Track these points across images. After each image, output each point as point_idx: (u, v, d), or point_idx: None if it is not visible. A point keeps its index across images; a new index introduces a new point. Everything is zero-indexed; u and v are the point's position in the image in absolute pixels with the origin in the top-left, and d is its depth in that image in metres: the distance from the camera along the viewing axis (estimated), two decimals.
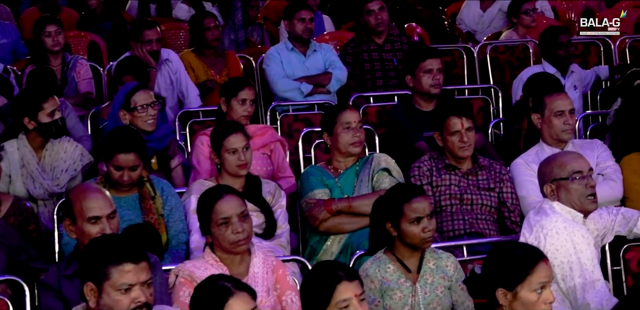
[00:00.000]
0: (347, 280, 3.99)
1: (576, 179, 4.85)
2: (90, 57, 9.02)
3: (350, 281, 3.99)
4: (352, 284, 3.99)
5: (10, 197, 5.76)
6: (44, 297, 4.53)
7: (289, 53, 8.17)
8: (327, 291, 3.97)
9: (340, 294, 3.96)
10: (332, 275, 4.00)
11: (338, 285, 3.97)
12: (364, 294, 4.03)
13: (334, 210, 5.76)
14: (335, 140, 5.97)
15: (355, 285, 4.00)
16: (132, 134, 5.65)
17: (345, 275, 4.00)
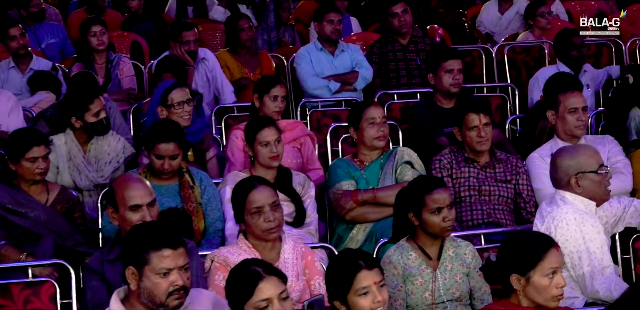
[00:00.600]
0: (366, 269, 3.97)
1: (603, 172, 4.83)
2: (133, 56, 9.03)
3: (369, 270, 3.97)
4: (371, 273, 3.97)
5: (58, 186, 5.78)
6: (88, 280, 4.54)
7: (319, 53, 8.17)
8: (348, 279, 3.96)
9: (360, 281, 3.95)
10: (352, 264, 3.98)
11: (358, 274, 3.95)
12: (383, 281, 4.01)
13: (359, 201, 5.75)
14: (361, 135, 5.96)
15: (374, 274, 3.98)
16: (172, 126, 5.66)
17: (365, 264, 3.98)
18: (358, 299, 3.95)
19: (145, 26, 10.03)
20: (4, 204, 5.48)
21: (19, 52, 8.08)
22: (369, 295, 3.95)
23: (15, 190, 5.56)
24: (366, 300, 3.94)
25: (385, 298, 3.97)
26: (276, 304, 3.71)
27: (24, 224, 5.48)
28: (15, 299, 4.60)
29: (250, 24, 8.55)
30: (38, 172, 5.55)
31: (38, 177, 5.57)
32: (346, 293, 3.96)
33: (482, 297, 4.73)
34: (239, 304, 3.74)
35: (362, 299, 3.95)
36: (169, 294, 3.79)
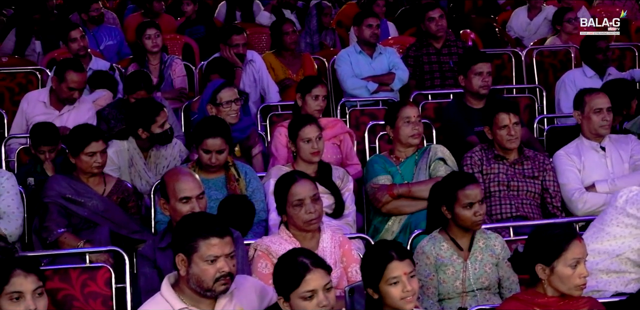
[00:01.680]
0: (397, 259, 3.93)
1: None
2: (185, 57, 9.05)
3: (400, 260, 3.94)
4: (402, 263, 3.94)
5: (114, 178, 5.78)
6: (141, 266, 4.55)
7: (358, 55, 8.14)
8: (379, 268, 3.93)
9: (390, 271, 3.92)
10: (385, 254, 3.95)
11: (389, 264, 3.93)
12: (414, 271, 3.97)
13: (395, 194, 5.72)
14: (397, 132, 5.93)
15: (405, 264, 3.94)
16: (218, 122, 5.66)
17: (396, 255, 3.94)
18: (389, 288, 3.92)
19: (197, 29, 10.06)
20: (64, 193, 5.50)
21: (79, 53, 8.11)
22: (399, 284, 3.92)
23: (75, 180, 5.58)
24: (396, 289, 3.92)
25: (415, 287, 3.94)
26: (320, 295, 3.69)
27: (82, 213, 5.50)
28: (74, 283, 4.62)
29: (293, 27, 8.53)
30: (95, 166, 5.57)
31: (95, 170, 5.59)
32: (378, 281, 3.94)
33: (510, 286, 4.69)
34: (285, 291, 3.73)
35: (393, 287, 3.92)
36: (216, 280, 3.80)
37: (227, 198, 5.40)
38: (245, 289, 3.99)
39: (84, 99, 7.12)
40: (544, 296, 4.04)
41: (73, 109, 6.94)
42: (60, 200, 5.47)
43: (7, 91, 8.33)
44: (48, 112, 6.92)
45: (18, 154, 6.58)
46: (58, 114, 6.91)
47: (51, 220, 5.40)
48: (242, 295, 3.96)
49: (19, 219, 5.41)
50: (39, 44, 9.39)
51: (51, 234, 5.34)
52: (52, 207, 5.45)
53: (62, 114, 6.92)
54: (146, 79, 7.06)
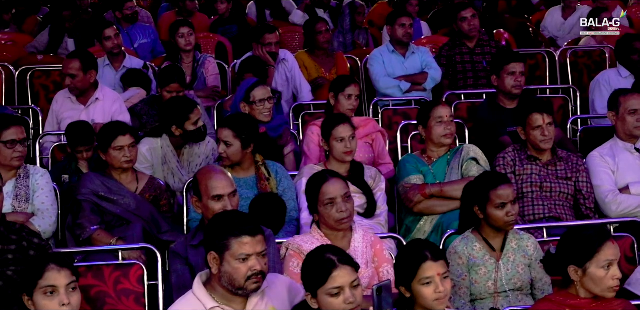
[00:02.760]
0: (431, 260, 3.93)
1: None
2: (218, 56, 9.07)
3: (434, 261, 3.93)
4: (436, 264, 3.93)
5: (147, 175, 5.81)
6: (173, 263, 4.56)
7: (390, 55, 8.13)
8: (413, 267, 3.93)
9: (424, 271, 3.92)
10: (419, 254, 3.95)
11: (423, 264, 3.92)
12: (447, 273, 3.97)
13: (427, 194, 5.70)
14: (429, 132, 5.91)
15: (439, 265, 3.94)
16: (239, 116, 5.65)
17: (431, 255, 3.94)
18: (421, 288, 3.92)
19: (230, 28, 10.09)
20: (97, 191, 5.53)
21: (113, 51, 8.16)
22: (432, 285, 3.91)
23: (108, 178, 5.61)
24: (428, 289, 3.91)
25: (447, 288, 3.93)
26: (347, 292, 3.69)
27: (114, 210, 5.53)
28: (107, 280, 4.65)
29: (327, 27, 8.54)
30: (124, 160, 5.59)
31: (125, 165, 5.60)
32: (411, 281, 3.93)
33: (542, 287, 4.67)
34: (313, 288, 3.74)
35: (425, 287, 3.92)
36: (247, 278, 3.80)
37: (258, 196, 5.41)
38: (276, 287, 4.00)
39: (109, 92, 7.13)
40: (577, 298, 4.02)
41: (98, 102, 6.95)
42: (93, 197, 5.50)
43: (42, 89, 8.40)
44: (75, 108, 6.95)
45: (52, 152, 6.63)
46: (84, 108, 6.92)
47: (84, 218, 5.43)
48: (274, 293, 3.97)
49: (53, 216, 5.44)
50: (71, 42, 9.45)
51: (84, 232, 5.37)
52: (85, 204, 5.48)
53: (88, 106, 6.93)
54: (179, 73, 7.09)
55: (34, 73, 8.44)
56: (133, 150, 5.64)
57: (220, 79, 8.29)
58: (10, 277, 4.39)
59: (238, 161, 5.58)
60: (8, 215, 4.81)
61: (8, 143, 5.42)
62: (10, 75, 8.49)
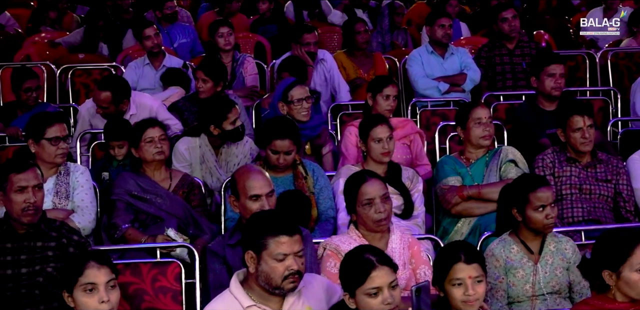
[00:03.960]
0: (464, 262, 3.93)
1: None
2: (256, 56, 9.11)
3: (467, 264, 3.93)
4: (468, 267, 3.92)
5: (181, 173, 5.83)
6: (210, 262, 4.59)
7: (429, 55, 8.10)
8: (445, 267, 3.94)
9: (455, 272, 3.92)
10: (453, 254, 3.95)
11: (455, 265, 3.92)
12: (482, 277, 3.95)
13: (465, 196, 5.69)
14: (468, 133, 5.90)
15: (472, 268, 3.92)
16: (287, 123, 5.67)
17: (465, 257, 3.93)
18: (451, 288, 3.93)
19: (270, 28, 10.12)
20: (130, 190, 5.56)
21: (152, 50, 8.22)
22: (461, 286, 3.91)
23: (142, 177, 5.64)
24: (458, 290, 3.92)
25: (479, 292, 3.91)
26: (385, 292, 3.69)
27: (148, 209, 5.55)
28: (144, 277, 4.68)
29: (365, 27, 8.53)
30: (156, 152, 5.62)
31: (157, 156, 5.63)
32: (443, 280, 3.94)
33: (580, 290, 4.64)
34: (351, 288, 3.74)
35: (455, 288, 3.92)
36: (284, 278, 3.81)
37: (282, 194, 5.39)
38: (313, 287, 4.01)
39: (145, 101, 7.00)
40: (614, 302, 3.98)
41: (132, 118, 6.76)
42: (126, 197, 5.53)
43: (83, 87, 8.48)
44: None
45: (93, 149, 6.68)
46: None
47: (118, 217, 5.47)
48: (310, 293, 3.97)
49: (92, 213, 5.48)
50: (105, 48, 9.56)
51: (117, 230, 5.41)
52: (119, 204, 5.52)
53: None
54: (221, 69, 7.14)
55: (75, 71, 8.52)
56: (164, 143, 5.66)
57: (259, 78, 8.31)
58: (50, 273, 4.44)
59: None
60: (48, 212, 4.84)
61: (52, 140, 5.47)
62: (51, 74, 8.59)
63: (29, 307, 4.42)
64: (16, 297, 4.41)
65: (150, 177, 5.66)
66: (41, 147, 5.48)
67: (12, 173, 4.48)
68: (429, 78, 7.96)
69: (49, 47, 9.57)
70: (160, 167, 5.70)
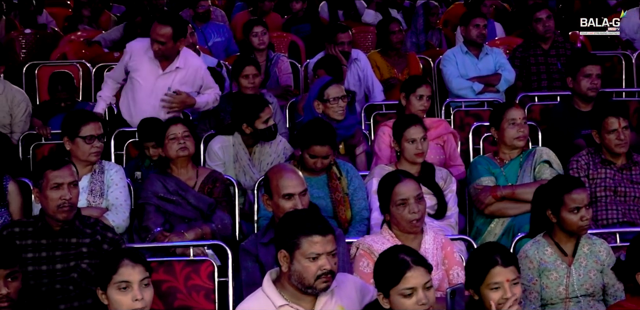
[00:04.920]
0: (501, 265, 3.90)
1: None
2: (291, 55, 9.12)
3: (504, 267, 3.90)
4: (505, 270, 3.90)
5: (208, 170, 5.84)
6: (243, 260, 4.60)
7: (464, 55, 8.08)
8: (482, 272, 3.91)
9: (493, 276, 3.89)
10: (489, 258, 3.92)
11: (492, 269, 3.90)
12: (518, 279, 3.93)
13: (498, 196, 5.66)
14: (502, 134, 5.87)
15: (508, 271, 3.90)
16: (326, 128, 5.65)
17: (501, 260, 3.90)
18: (489, 292, 3.90)
19: (303, 27, 10.12)
20: (157, 192, 5.58)
21: None
22: (500, 290, 3.89)
23: (168, 177, 5.66)
24: (496, 294, 3.89)
25: (517, 294, 3.89)
26: (420, 293, 3.68)
27: (174, 211, 5.57)
28: (178, 275, 4.69)
29: (400, 27, 8.53)
30: (179, 148, 5.64)
31: (180, 152, 5.65)
32: (479, 284, 3.91)
33: (614, 293, 4.59)
34: (385, 288, 3.73)
35: (493, 292, 3.90)
36: (317, 277, 3.80)
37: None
38: (346, 287, 4.00)
39: (193, 61, 6.85)
40: None
41: (179, 71, 6.75)
42: (154, 200, 5.56)
43: None
44: (152, 70, 6.74)
45: (127, 148, 6.72)
46: (161, 74, 6.73)
47: (148, 220, 5.49)
48: (343, 293, 3.97)
49: (126, 211, 5.51)
50: None
51: (149, 234, 5.43)
52: (148, 207, 5.55)
53: (166, 73, 6.74)
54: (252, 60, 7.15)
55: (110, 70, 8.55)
56: (188, 139, 5.68)
57: (293, 77, 8.32)
58: (84, 269, 4.47)
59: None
60: (83, 210, 4.87)
61: (86, 138, 5.51)
62: (87, 72, 8.64)
63: (63, 303, 4.45)
64: (51, 293, 4.44)
65: (177, 176, 5.68)
66: (76, 145, 5.52)
67: (48, 170, 4.52)
68: (463, 78, 7.94)
69: (84, 45, 9.62)
70: (186, 165, 5.72)
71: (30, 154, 6.79)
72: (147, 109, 6.68)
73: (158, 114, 6.61)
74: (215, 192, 5.70)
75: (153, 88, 6.71)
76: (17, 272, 3.89)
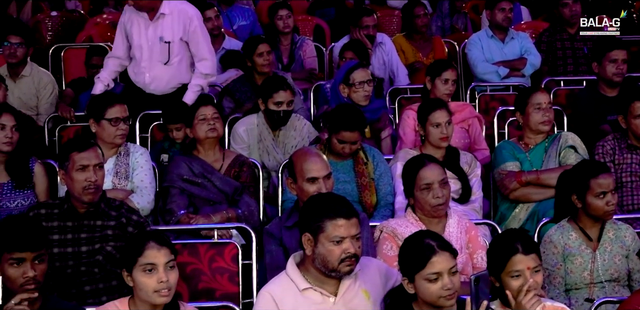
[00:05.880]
0: (522, 253, 3.87)
1: None
2: (315, 38, 9.09)
3: (526, 254, 3.88)
4: (527, 258, 3.87)
5: (234, 153, 5.84)
6: (267, 243, 4.59)
7: (489, 40, 8.05)
8: (503, 259, 3.89)
9: (514, 264, 3.87)
10: (510, 246, 3.90)
11: (513, 257, 3.87)
12: (539, 266, 3.90)
13: (523, 181, 5.63)
14: (527, 118, 5.83)
15: (530, 259, 3.87)
16: (356, 114, 5.63)
17: (522, 248, 3.88)
18: (509, 280, 3.88)
19: (328, 11, 10.07)
20: (182, 175, 5.57)
21: (212, 32, 8.19)
22: (520, 278, 3.87)
23: (193, 159, 5.66)
24: (517, 282, 3.87)
25: (538, 281, 3.87)
26: (445, 278, 3.67)
27: (199, 193, 5.57)
28: (202, 258, 4.70)
29: (425, 10, 8.49)
30: (208, 129, 5.64)
31: (209, 134, 5.64)
32: (500, 271, 3.89)
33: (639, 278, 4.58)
34: (410, 273, 3.72)
35: (513, 280, 3.88)
36: (341, 260, 3.80)
37: None
38: (369, 271, 4.00)
39: (178, 5, 6.66)
40: None
41: (166, 17, 6.57)
42: (179, 183, 5.56)
43: None
44: (141, 22, 6.61)
45: (151, 131, 6.72)
46: (150, 23, 6.59)
47: (172, 203, 5.50)
48: (367, 277, 3.97)
49: (151, 193, 5.52)
50: None
51: (173, 216, 5.44)
52: (173, 190, 5.55)
53: (155, 21, 6.58)
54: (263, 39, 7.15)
55: None
56: (217, 121, 5.68)
57: (318, 61, 8.30)
58: (110, 252, 4.49)
59: None
60: (108, 192, 4.90)
61: (112, 120, 5.51)
62: None
63: (88, 285, 4.48)
64: (76, 275, 4.47)
65: (203, 158, 5.68)
66: (101, 128, 5.53)
67: (73, 152, 4.53)
68: (489, 62, 7.90)
69: (110, 28, 9.62)
70: (214, 147, 5.72)
71: (56, 136, 6.81)
72: (146, 65, 6.64)
73: (152, 68, 6.61)
74: (243, 176, 5.69)
75: (146, 40, 6.62)
76: (43, 254, 3.91)
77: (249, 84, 7.03)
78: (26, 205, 5.35)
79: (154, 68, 6.63)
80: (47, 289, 4.14)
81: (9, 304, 3.73)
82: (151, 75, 6.63)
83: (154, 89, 6.65)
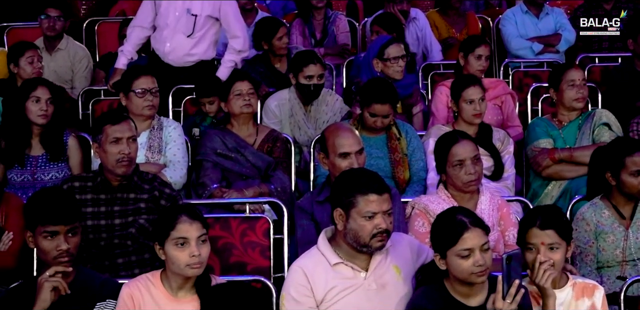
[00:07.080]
0: (538, 227, 3.88)
1: None
2: (348, 14, 9.03)
3: (542, 229, 3.88)
4: (542, 232, 3.87)
5: (268, 128, 5.84)
6: (298, 218, 4.59)
7: (523, 15, 7.97)
8: (521, 232, 3.94)
9: (529, 237, 3.89)
10: (530, 220, 3.92)
11: (530, 230, 3.89)
12: (557, 244, 3.88)
13: (556, 159, 5.59)
14: (561, 95, 5.77)
15: (545, 234, 3.87)
16: (388, 87, 5.61)
17: (540, 222, 3.88)
18: (526, 252, 3.90)
19: None
20: (215, 148, 5.58)
21: (245, 7, 8.17)
22: (534, 252, 3.87)
23: (227, 133, 5.66)
24: (530, 255, 3.88)
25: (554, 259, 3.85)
26: (477, 254, 3.65)
27: (232, 168, 5.58)
28: (234, 232, 4.71)
29: None
30: (244, 104, 5.63)
31: (245, 109, 5.64)
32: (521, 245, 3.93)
33: None
34: (442, 249, 3.71)
35: (528, 253, 3.89)
36: (373, 236, 3.80)
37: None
38: (401, 246, 3.98)
39: None
40: None
41: None
42: (212, 156, 5.56)
43: None
44: None
45: (184, 105, 6.73)
46: None
47: (205, 176, 5.51)
48: (398, 252, 3.96)
49: (184, 168, 5.53)
50: None
51: (205, 190, 5.45)
52: (206, 163, 5.56)
53: None
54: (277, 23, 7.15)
55: None
56: (252, 96, 5.68)
57: (351, 36, 8.26)
58: (142, 225, 4.51)
59: None
60: (141, 166, 4.91)
61: (139, 92, 5.53)
62: None
63: (121, 257, 4.51)
64: (109, 247, 4.50)
65: (237, 132, 5.68)
66: (130, 100, 5.56)
67: (107, 124, 4.55)
68: (523, 38, 7.84)
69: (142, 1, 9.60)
70: (248, 122, 5.72)
71: (90, 110, 6.84)
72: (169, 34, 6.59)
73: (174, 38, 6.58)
74: (276, 151, 5.70)
75: (174, 9, 6.58)
76: (77, 227, 3.93)
77: (263, 64, 7.02)
78: (60, 178, 5.38)
79: (175, 38, 6.60)
80: (81, 261, 4.17)
81: (44, 276, 3.76)
82: (172, 45, 6.61)
83: (171, 59, 6.63)
